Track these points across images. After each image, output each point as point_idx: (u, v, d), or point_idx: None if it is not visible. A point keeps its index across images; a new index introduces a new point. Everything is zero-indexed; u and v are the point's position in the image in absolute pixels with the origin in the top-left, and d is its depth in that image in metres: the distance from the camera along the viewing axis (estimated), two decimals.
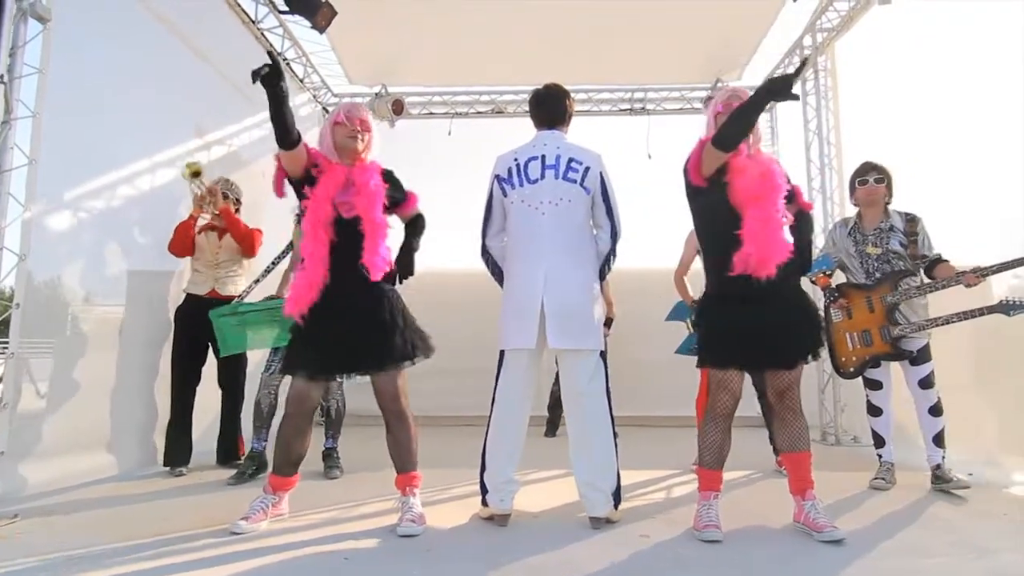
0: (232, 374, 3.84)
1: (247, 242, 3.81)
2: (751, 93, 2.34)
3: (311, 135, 6.43)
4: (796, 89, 2.33)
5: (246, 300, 3.77)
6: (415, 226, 2.77)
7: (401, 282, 2.66)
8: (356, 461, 3.78)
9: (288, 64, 5.73)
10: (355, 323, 2.49)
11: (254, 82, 2.28)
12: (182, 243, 3.74)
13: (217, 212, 3.74)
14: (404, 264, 2.63)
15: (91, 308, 3.52)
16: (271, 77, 2.31)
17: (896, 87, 4.61)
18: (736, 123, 2.31)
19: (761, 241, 2.33)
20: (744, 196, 2.39)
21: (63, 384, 3.24)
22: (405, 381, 2.64)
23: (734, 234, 2.37)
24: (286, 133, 2.43)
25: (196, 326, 3.68)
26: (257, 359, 4.00)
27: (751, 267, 2.34)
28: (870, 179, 3.42)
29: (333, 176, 2.55)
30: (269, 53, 2.48)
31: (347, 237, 2.50)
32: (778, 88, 2.26)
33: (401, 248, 2.68)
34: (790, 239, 2.42)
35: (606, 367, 2.63)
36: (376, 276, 2.49)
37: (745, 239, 2.35)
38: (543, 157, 2.68)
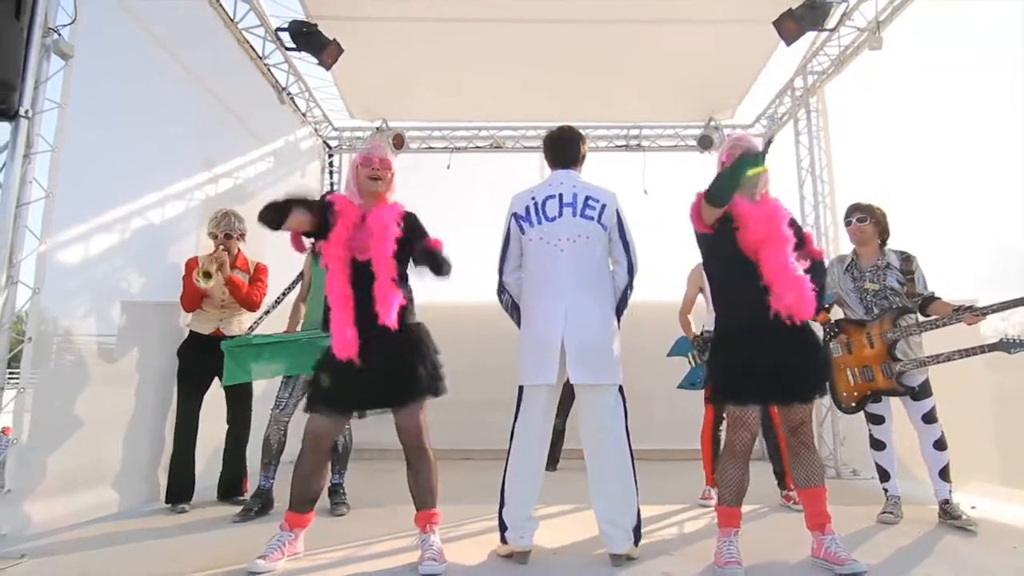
0: (240, 409, 3.80)
1: (247, 305, 3.81)
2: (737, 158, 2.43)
3: (312, 168, 6.55)
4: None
5: (257, 332, 3.75)
6: (435, 263, 2.64)
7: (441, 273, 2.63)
8: (360, 497, 3.72)
9: (292, 98, 5.80)
10: (379, 362, 2.49)
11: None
12: (194, 303, 3.73)
13: (224, 281, 3.70)
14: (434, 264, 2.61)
15: (94, 341, 3.48)
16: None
17: (886, 125, 4.79)
18: (720, 185, 2.42)
19: (792, 286, 2.42)
20: (753, 240, 2.49)
21: (66, 419, 3.19)
22: (426, 416, 2.63)
23: (746, 276, 2.48)
24: (276, 226, 2.51)
25: (199, 363, 3.67)
26: (258, 393, 3.97)
27: (787, 311, 2.42)
28: (853, 220, 3.54)
29: (347, 219, 2.59)
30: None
31: (364, 279, 2.51)
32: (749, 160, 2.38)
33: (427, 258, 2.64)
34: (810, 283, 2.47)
35: (624, 402, 2.66)
36: (385, 320, 2.46)
37: (774, 285, 2.44)
38: (560, 195, 2.74)
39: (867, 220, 3.51)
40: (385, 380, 2.51)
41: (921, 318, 3.40)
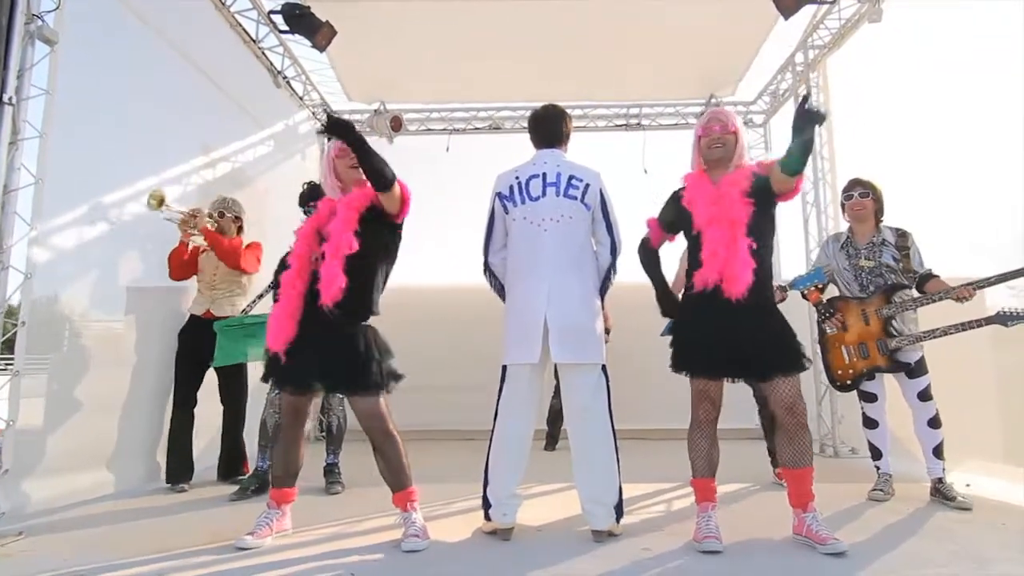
0: (233, 391, 3.85)
1: (230, 259, 3.77)
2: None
3: (311, 151, 6.53)
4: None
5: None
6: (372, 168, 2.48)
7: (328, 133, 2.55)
8: (357, 477, 3.77)
9: (288, 82, 5.79)
10: (332, 347, 2.50)
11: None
12: (177, 268, 3.79)
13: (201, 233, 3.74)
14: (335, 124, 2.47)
15: (94, 325, 3.54)
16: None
17: (888, 101, 4.70)
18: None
19: (720, 262, 2.45)
20: (701, 221, 2.54)
21: (66, 401, 3.26)
22: (387, 400, 2.62)
23: (697, 255, 2.54)
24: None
25: (195, 346, 3.73)
26: (258, 375, 4.00)
27: (710, 286, 2.46)
28: (855, 193, 3.50)
29: (320, 211, 2.63)
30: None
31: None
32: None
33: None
34: (750, 259, 2.44)
35: (608, 381, 2.67)
36: (325, 300, 2.44)
37: (704, 261, 2.49)
38: (544, 175, 2.73)
39: (869, 195, 3.47)
40: (339, 364, 2.51)
41: (916, 294, 3.36)
